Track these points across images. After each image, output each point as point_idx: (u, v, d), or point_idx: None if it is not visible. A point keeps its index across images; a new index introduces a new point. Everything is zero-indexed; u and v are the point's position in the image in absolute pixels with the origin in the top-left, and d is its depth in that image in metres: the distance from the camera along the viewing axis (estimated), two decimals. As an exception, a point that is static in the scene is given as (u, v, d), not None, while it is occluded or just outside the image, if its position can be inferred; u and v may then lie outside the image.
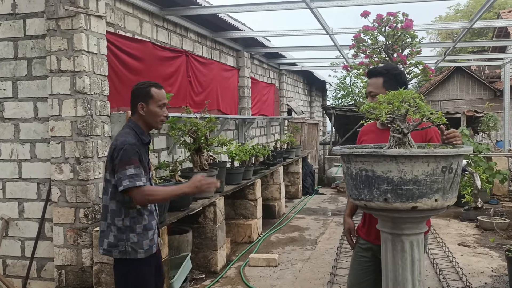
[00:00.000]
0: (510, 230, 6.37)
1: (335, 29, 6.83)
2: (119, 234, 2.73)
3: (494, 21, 9.46)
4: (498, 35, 17.46)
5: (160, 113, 2.83)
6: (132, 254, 2.73)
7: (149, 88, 2.81)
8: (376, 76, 2.70)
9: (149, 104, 2.79)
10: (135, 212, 2.75)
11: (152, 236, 2.83)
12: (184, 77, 6.02)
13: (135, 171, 2.62)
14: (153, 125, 2.87)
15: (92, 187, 4.03)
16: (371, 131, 2.79)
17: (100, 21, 4.17)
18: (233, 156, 5.78)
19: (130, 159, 2.63)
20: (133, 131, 2.79)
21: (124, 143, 2.67)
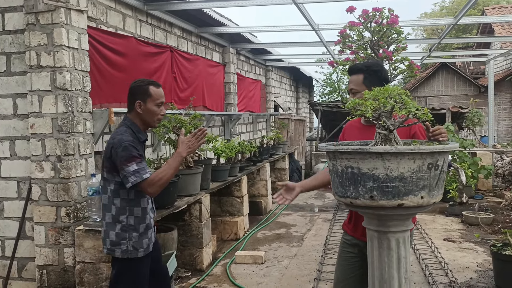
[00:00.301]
0: (495, 225, 6.43)
1: (321, 25, 6.80)
2: (122, 232, 2.74)
3: (479, 17, 9.55)
4: (483, 32, 17.63)
5: (158, 112, 2.82)
6: (133, 254, 2.75)
7: (147, 86, 2.80)
8: (357, 73, 2.68)
9: (146, 102, 2.78)
10: (140, 211, 2.78)
11: (151, 235, 2.87)
12: (168, 73, 5.94)
13: (138, 166, 2.64)
14: (150, 123, 2.86)
15: (74, 185, 3.95)
16: (355, 127, 2.78)
17: (81, 15, 4.07)
18: (219, 153, 5.72)
19: (131, 156, 2.64)
20: (130, 130, 2.78)
21: (122, 141, 2.67)
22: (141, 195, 2.79)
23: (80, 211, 4.01)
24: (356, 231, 2.68)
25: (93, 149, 4.23)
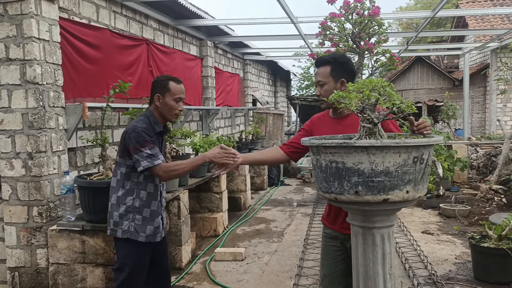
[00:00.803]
0: (471, 217, 6.51)
1: (300, 18, 6.75)
2: (126, 213, 2.85)
3: (456, 10, 9.65)
4: (457, 25, 17.89)
5: (175, 107, 2.93)
6: (133, 235, 2.84)
7: (167, 81, 2.93)
8: (324, 65, 2.65)
9: (165, 96, 2.90)
10: (146, 195, 2.88)
11: (158, 224, 2.95)
12: (145, 66, 5.79)
13: (151, 152, 2.75)
14: (167, 117, 2.96)
15: (47, 183, 3.80)
16: (323, 120, 2.75)
17: (52, 6, 3.91)
18: (197, 148, 5.62)
19: (145, 141, 2.75)
20: (147, 119, 2.90)
21: (136, 127, 2.79)
22: (149, 180, 2.89)
23: (53, 211, 3.87)
24: (335, 224, 2.67)
25: (66, 145, 4.08)
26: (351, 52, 5.20)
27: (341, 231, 2.61)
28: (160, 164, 2.76)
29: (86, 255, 3.69)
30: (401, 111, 2.02)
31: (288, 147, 2.80)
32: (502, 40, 10.09)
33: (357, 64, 5.17)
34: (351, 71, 2.66)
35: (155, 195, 2.93)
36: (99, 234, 3.68)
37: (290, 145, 2.80)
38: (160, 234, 2.98)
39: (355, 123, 2.52)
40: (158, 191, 2.96)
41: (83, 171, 4.45)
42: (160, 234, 2.98)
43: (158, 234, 2.96)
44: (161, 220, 3.00)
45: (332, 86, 2.59)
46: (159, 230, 2.96)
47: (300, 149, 2.76)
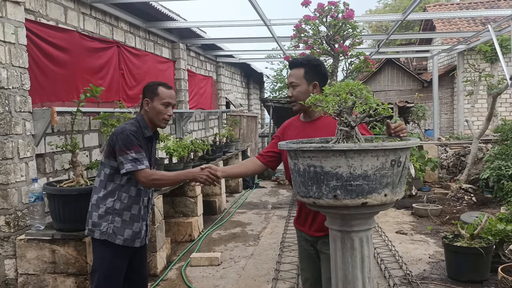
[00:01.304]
0: (443, 216, 6.64)
1: (273, 20, 6.74)
2: (106, 214, 2.80)
3: (426, 14, 9.85)
4: (425, 28, 18.30)
5: (163, 112, 2.90)
6: (111, 237, 2.79)
7: (156, 86, 2.93)
8: (297, 67, 2.66)
9: (153, 100, 2.89)
10: (127, 199, 2.84)
11: (138, 229, 2.89)
12: (116, 69, 5.67)
13: (136, 156, 2.72)
14: (156, 122, 2.93)
15: (14, 191, 3.66)
16: (294, 125, 2.76)
17: (18, 7, 3.77)
18: (171, 152, 5.53)
19: (132, 144, 2.73)
20: (138, 123, 2.89)
21: (124, 129, 2.77)
22: (132, 183, 2.85)
23: (22, 219, 3.72)
24: (305, 226, 2.67)
25: (34, 151, 3.94)
26: (326, 54, 5.22)
27: (311, 233, 2.61)
28: (143, 169, 2.72)
29: (57, 265, 3.57)
30: (378, 113, 2.02)
31: (264, 157, 2.81)
32: (469, 42, 10.36)
33: (332, 67, 5.20)
34: (323, 75, 2.68)
35: (137, 199, 2.88)
36: (70, 243, 3.56)
37: (265, 154, 2.80)
38: (140, 240, 2.92)
39: (325, 126, 2.55)
40: (140, 195, 2.91)
41: (53, 178, 4.31)
42: (140, 240, 2.92)
43: (138, 240, 2.89)
44: (144, 226, 2.95)
45: (305, 88, 2.60)
46: (139, 235, 2.90)
47: (276, 157, 2.77)
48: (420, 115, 12.32)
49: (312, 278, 2.70)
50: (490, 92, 8.59)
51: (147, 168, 2.76)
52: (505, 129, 8.53)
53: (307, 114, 2.68)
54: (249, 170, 2.88)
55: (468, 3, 18.97)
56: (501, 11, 7.67)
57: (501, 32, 8.53)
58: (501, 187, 7.14)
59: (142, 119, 2.93)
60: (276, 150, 2.75)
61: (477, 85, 10.53)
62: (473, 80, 10.57)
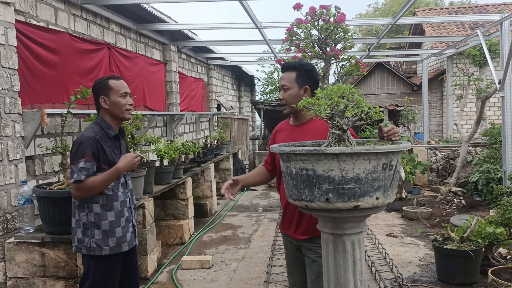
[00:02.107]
0: (433, 219, 6.68)
1: (265, 23, 6.76)
2: (85, 230, 2.74)
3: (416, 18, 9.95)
4: (414, 32, 18.44)
5: (124, 102, 2.82)
6: (97, 251, 2.73)
7: (106, 81, 2.83)
8: (290, 70, 2.69)
9: (110, 96, 2.80)
10: (99, 207, 2.74)
11: (122, 233, 2.81)
12: (106, 71, 5.64)
13: (84, 165, 2.62)
14: (120, 116, 2.84)
15: (3, 194, 3.62)
16: (283, 128, 2.82)
17: (8, 8, 3.74)
18: (162, 154, 5.50)
19: (83, 152, 2.64)
20: (98, 126, 2.79)
21: (81, 137, 2.69)
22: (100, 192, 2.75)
23: (11, 222, 3.68)
24: (289, 230, 2.69)
25: (24, 153, 3.90)
26: (318, 58, 5.25)
27: (296, 237, 2.63)
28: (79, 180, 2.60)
29: (47, 268, 3.53)
30: (369, 117, 2.04)
31: (267, 165, 2.87)
32: (458, 47, 10.46)
33: (324, 70, 5.22)
34: (315, 80, 2.72)
35: (109, 206, 2.77)
36: (60, 246, 3.53)
37: (269, 163, 2.86)
38: (128, 243, 2.86)
39: (313, 129, 2.59)
40: (112, 201, 2.79)
41: (42, 180, 4.27)
42: (128, 243, 2.86)
43: (124, 244, 2.83)
44: (130, 227, 2.89)
45: (296, 92, 2.64)
46: (124, 239, 2.82)
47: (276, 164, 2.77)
48: (410, 118, 12.42)
49: (300, 281, 2.71)
50: (479, 96, 8.69)
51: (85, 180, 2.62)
52: (493, 132, 8.63)
53: (296, 117, 2.73)
54: (262, 179, 2.91)
55: (457, 8, 19.19)
56: (489, 16, 7.75)
57: (489, 37, 8.63)
58: (490, 190, 7.21)
59: (103, 120, 2.83)
60: (272, 155, 2.79)
61: (466, 89, 10.65)
62: (462, 84, 10.69)
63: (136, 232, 2.98)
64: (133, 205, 2.99)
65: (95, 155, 2.68)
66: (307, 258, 2.60)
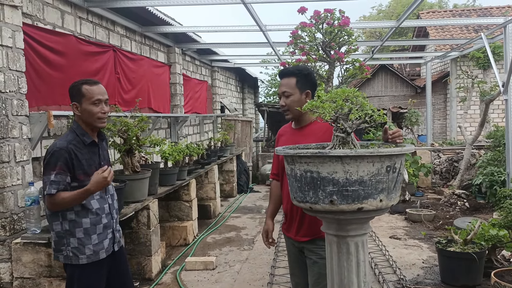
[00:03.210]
0: (436, 221, 6.69)
1: (269, 26, 6.79)
2: (60, 239, 2.65)
3: (419, 21, 9.94)
4: (418, 35, 18.44)
5: (96, 111, 2.67)
6: (73, 260, 2.64)
7: (80, 86, 2.68)
8: (289, 76, 2.71)
9: (82, 102, 2.67)
10: (73, 214, 2.63)
11: (98, 240, 2.69)
12: (112, 73, 5.68)
13: (55, 178, 2.52)
14: (92, 124, 2.70)
15: (10, 195, 3.66)
16: (286, 131, 2.87)
17: (16, 11, 3.78)
18: (166, 156, 5.54)
19: (54, 164, 2.53)
20: (73, 133, 2.68)
21: (53, 147, 2.58)
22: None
23: (17, 223, 3.72)
24: (290, 231, 2.72)
25: (30, 155, 3.94)
26: (322, 61, 5.28)
27: (297, 239, 2.66)
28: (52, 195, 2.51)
29: (53, 269, 3.57)
30: (373, 120, 2.06)
31: (278, 177, 2.88)
32: (462, 49, 10.46)
33: (328, 73, 5.26)
34: (314, 83, 2.76)
35: (84, 213, 2.64)
36: (65, 246, 3.56)
37: (277, 173, 2.88)
38: (106, 250, 2.73)
39: (313, 132, 2.63)
40: (87, 208, 2.65)
41: (48, 181, 4.30)
42: (106, 250, 2.73)
43: (102, 251, 2.70)
44: (109, 234, 2.76)
45: (298, 97, 2.67)
46: (100, 246, 2.69)
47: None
48: (414, 120, 12.42)
49: (303, 282, 2.74)
50: (482, 99, 8.69)
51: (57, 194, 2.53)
52: (497, 135, 8.62)
53: (298, 121, 2.76)
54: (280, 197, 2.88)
55: (461, 10, 19.17)
56: (493, 19, 7.76)
57: (493, 40, 8.64)
58: (493, 192, 7.21)
59: (78, 126, 2.70)
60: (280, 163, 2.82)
61: (470, 91, 10.65)
62: (466, 86, 10.68)
63: (116, 239, 2.83)
64: (114, 210, 2.85)
65: (67, 166, 2.57)
66: (309, 260, 2.63)
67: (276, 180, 2.91)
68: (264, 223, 2.91)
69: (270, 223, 2.90)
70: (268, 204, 2.99)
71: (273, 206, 2.93)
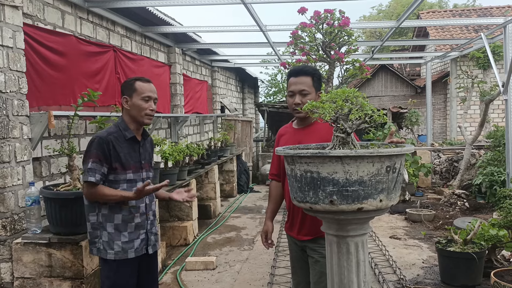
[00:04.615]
0: (436, 221, 6.69)
1: (269, 26, 6.80)
2: (94, 230, 2.73)
3: (419, 21, 9.94)
4: (418, 35, 18.45)
5: (145, 106, 2.75)
6: (103, 253, 2.70)
7: (133, 82, 2.79)
8: (306, 75, 2.70)
9: (132, 97, 2.75)
10: (107, 209, 2.70)
11: (128, 238, 2.72)
12: (112, 73, 5.69)
13: (91, 166, 2.61)
14: (138, 119, 2.77)
15: (10, 195, 3.66)
16: (287, 131, 2.87)
17: (16, 11, 3.79)
18: (166, 156, 5.55)
19: (92, 153, 2.63)
20: (116, 127, 2.77)
21: (95, 137, 2.68)
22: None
23: (18, 223, 3.73)
24: (292, 230, 2.74)
25: (31, 155, 3.95)
26: (322, 61, 5.29)
27: (299, 238, 2.68)
28: (91, 182, 2.59)
29: (53, 269, 3.57)
30: (373, 120, 2.07)
31: (277, 177, 2.89)
32: (462, 49, 10.47)
33: (328, 73, 5.27)
34: (321, 86, 2.81)
35: (117, 209, 2.70)
36: (66, 246, 3.57)
37: (278, 173, 2.88)
38: (135, 250, 2.74)
39: (317, 131, 2.64)
40: (121, 204, 2.70)
41: (49, 181, 4.32)
42: (135, 250, 2.74)
43: (131, 250, 2.71)
44: (143, 234, 2.78)
45: (314, 96, 2.66)
46: (130, 245, 2.71)
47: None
48: (414, 120, 12.44)
49: (304, 281, 2.75)
50: (482, 99, 8.69)
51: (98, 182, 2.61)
52: (497, 135, 8.63)
53: (303, 120, 2.75)
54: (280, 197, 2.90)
55: (461, 10, 19.18)
56: (493, 20, 7.77)
57: (493, 40, 8.64)
58: (493, 193, 7.22)
59: (122, 121, 2.79)
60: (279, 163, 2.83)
61: (470, 91, 10.65)
62: (466, 86, 10.68)
63: (150, 241, 2.85)
64: (151, 212, 2.87)
65: (105, 156, 2.64)
66: (311, 258, 2.64)
67: (276, 181, 2.91)
68: (264, 224, 2.92)
69: (270, 224, 2.91)
70: (267, 205, 2.99)
71: (272, 207, 2.94)
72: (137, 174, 2.79)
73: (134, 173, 2.76)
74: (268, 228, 2.89)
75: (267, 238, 2.88)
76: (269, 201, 2.97)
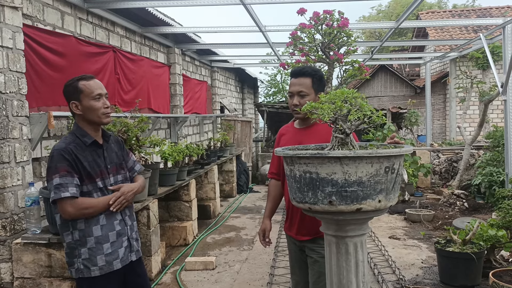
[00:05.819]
0: (436, 222, 6.70)
1: (268, 26, 6.80)
2: (71, 250, 2.46)
3: (419, 21, 9.97)
4: (417, 35, 18.46)
5: (99, 106, 2.47)
6: (85, 272, 2.44)
7: (76, 83, 2.48)
8: (305, 76, 2.70)
9: (81, 100, 2.46)
10: (83, 223, 2.43)
11: (111, 249, 2.49)
12: (112, 74, 5.70)
13: (60, 181, 2.33)
14: (97, 121, 2.50)
15: (10, 195, 3.67)
16: (288, 131, 2.87)
17: (16, 12, 3.79)
18: (166, 156, 5.55)
19: (56, 167, 2.34)
20: (73, 135, 2.49)
21: (53, 150, 2.40)
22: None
23: (18, 223, 3.73)
24: (291, 230, 2.75)
25: (30, 156, 3.95)
26: (321, 62, 5.30)
27: (298, 238, 2.69)
28: (68, 198, 2.31)
29: (53, 269, 3.58)
30: (372, 121, 2.08)
31: (277, 176, 2.89)
32: (462, 50, 10.48)
33: (327, 74, 5.28)
34: (323, 86, 2.77)
35: (94, 220, 2.45)
36: (66, 247, 3.57)
37: (277, 172, 2.88)
38: (121, 260, 2.53)
39: (315, 132, 2.65)
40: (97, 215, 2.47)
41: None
42: (121, 260, 2.53)
43: (116, 261, 2.50)
44: (125, 242, 2.57)
45: (313, 98, 2.65)
46: (115, 256, 2.50)
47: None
48: (413, 121, 12.45)
49: (303, 281, 2.76)
50: (482, 99, 8.70)
51: (74, 196, 2.34)
52: (496, 135, 8.64)
53: (304, 121, 2.75)
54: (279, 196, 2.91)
55: (460, 11, 19.20)
56: (492, 20, 7.79)
57: (492, 40, 8.65)
58: (492, 193, 7.23)
59: (77, 127, 2.50)
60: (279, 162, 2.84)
61: (469, 91, 10.66)
62: (465, 86, 10.70)
63: (133, 247, 2.64)
64: (127, 217, 2.63)
65: (71, 166, 2.38)
66: (310, 259, 2.65)
67: (275, 179, 2.91)
68: (262, 222, 2.93)
69: (268, 222, 2.91)
70: (266, 204, 2.99)
71: (271, 206, 2.94)
72: (105, 181, 2.53)
73: (102, 180, 2.51)
74: (266, 226, 2.90)
75: (265, 236, 2.90)
76: (268, 199, 2.98)
